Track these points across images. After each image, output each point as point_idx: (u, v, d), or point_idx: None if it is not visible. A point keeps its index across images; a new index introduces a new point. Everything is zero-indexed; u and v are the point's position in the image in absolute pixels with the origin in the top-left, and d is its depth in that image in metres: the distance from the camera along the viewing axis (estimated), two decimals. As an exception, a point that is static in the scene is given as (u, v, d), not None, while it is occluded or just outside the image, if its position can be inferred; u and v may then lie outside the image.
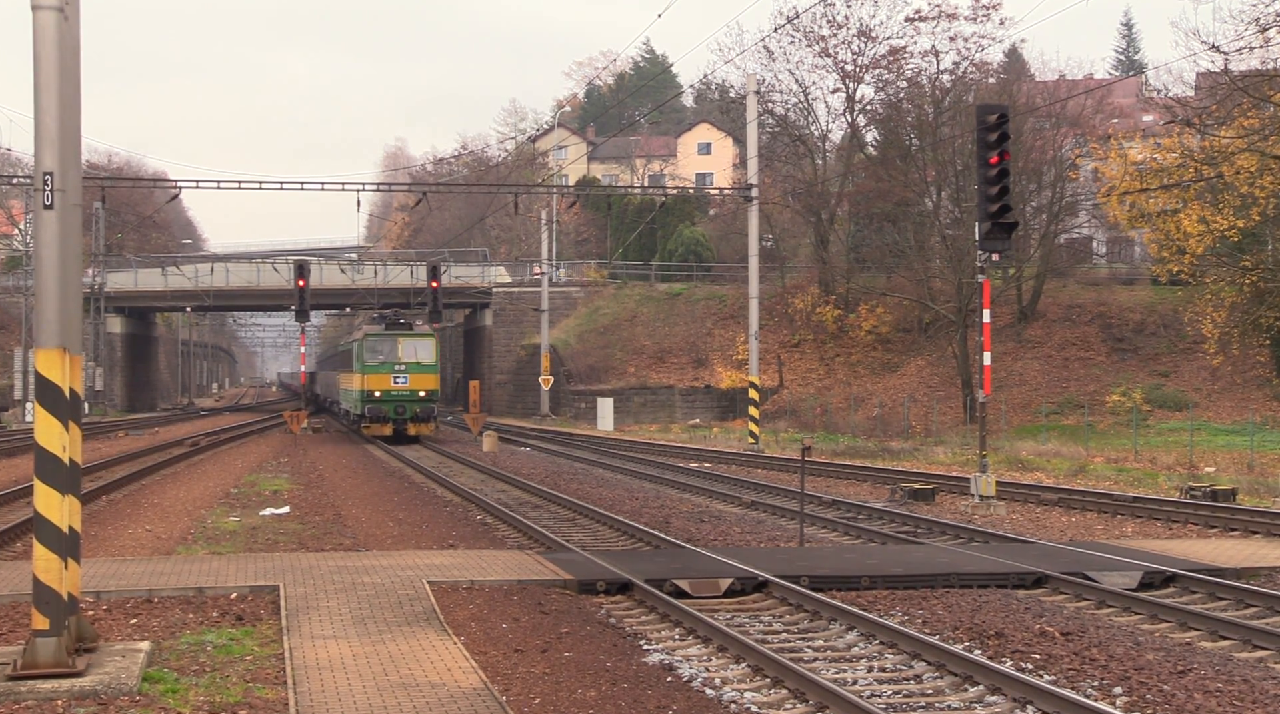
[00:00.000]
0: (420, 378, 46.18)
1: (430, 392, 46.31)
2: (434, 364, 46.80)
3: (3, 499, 24.86)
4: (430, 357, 46.53)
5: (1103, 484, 29.01)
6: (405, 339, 46.11)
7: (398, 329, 46.62)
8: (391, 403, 45.59)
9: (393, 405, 45.61)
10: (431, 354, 46.70)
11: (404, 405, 45.76)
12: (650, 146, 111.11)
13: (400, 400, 45.72)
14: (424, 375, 46.23)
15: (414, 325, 47.95)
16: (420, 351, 46.24)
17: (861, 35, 65.95)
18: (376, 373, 45.67)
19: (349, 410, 52.16)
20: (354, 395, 48.44)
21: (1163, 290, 57.81)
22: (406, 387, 45.74)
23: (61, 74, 10.53)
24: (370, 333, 46.73)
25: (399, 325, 46.96)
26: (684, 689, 10.71)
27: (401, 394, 45.64)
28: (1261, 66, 40.50)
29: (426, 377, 46.36)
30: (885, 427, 51.74)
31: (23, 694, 9.88)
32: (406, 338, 46.22)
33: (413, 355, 45.88)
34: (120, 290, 79.02)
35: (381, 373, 45.61)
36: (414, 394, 45.86)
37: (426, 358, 46.40)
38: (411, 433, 46.12)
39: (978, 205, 24.49)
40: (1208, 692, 10.46)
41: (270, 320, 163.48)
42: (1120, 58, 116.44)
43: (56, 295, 10.56)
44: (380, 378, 45.71)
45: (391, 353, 45.70)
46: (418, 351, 46.09)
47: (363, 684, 10.29)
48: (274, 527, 21.44)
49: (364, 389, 45.91)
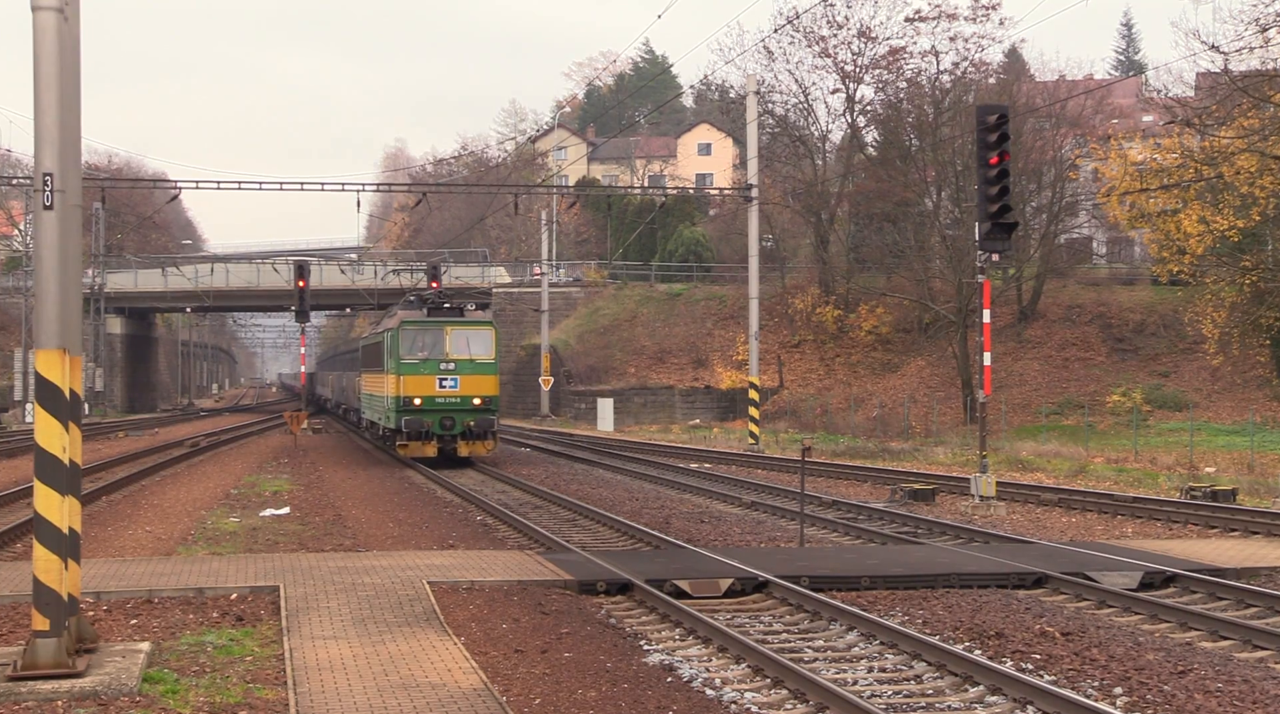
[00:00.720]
0: (475, 380, 34.77)
1: (488, 399, 34.81)
2: (493, 361, 35.15)
3: (3, 500, 24.86)
4: (488, 351, 35.06)
5: (1103, 484, 29.01)
6: (455, 328, 34.81)
7: (445, 315, 35.18)
8: (436, 414, 34.37)
9: (438, 417, 34.38)
10: (489, 348, 35.11)
11: (453, 417, 34.40)
12: (650, 147, 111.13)
13: (448, 410, 34.43)
14: (480, 377, 34.83)
15: (465, 309, 35.93)
16: (475, 345, 34.88)
17: (861, 35, 65.97)
18: (416, 374, 34.45)
19: (377, 422, 40.06)
20: (385, 403, 36.72)
21: (1163, 290, 57.82)
22: (456, 392, 34.49)
23: (61, 74, 10.53)
24: (408, 321, 34.92)
25: (446, 310, 35.52)
26: (684, 689, 10.71)
27: (450, 402, 34.41)
28: (1261, 66, 40.49)
29: (483, 379, 34.89)
30: (885, 427, 51.74)
31: (23, 695, 9.88)
32: (457, 327, 34.89)
33: (464, 350, 34.74)
34: (120, 291, 79.04)
35: (423, 374, 34.45)
36: (466, 402, 34.47)
37: (483, 353, 34.97)
38: (463, 454, 34.77)
39: (978, 205, 24.48)
40: (1208, 692, 10.46)
41: (270, 321, 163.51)
42: (1120, 58, 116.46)
43: (56, 296, 10.56)
44: (421, 381, 34.52)
45: (436, 347, 34.64)
46: (471, 345, 34.80)
47: (363, 685, 10.29)
48: (274, 527, 21.44)
49: (399, 395, 34.51)
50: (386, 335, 36.68)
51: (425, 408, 34.31)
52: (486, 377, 34.90)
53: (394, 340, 35.05)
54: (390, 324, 36.69)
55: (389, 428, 36.29)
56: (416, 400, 34.29)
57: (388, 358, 36.13)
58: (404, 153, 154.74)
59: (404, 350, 34.47)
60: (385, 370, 36.67)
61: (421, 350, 34.55)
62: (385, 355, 36.81)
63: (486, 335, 35.20)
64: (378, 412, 39.46)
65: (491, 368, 35.00)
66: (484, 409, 34.62)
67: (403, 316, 35.34)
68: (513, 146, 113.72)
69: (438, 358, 34.46)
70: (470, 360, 34.60)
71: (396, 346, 34.74)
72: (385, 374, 36.71)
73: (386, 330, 36.90)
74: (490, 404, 34.72)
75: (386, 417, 36.65)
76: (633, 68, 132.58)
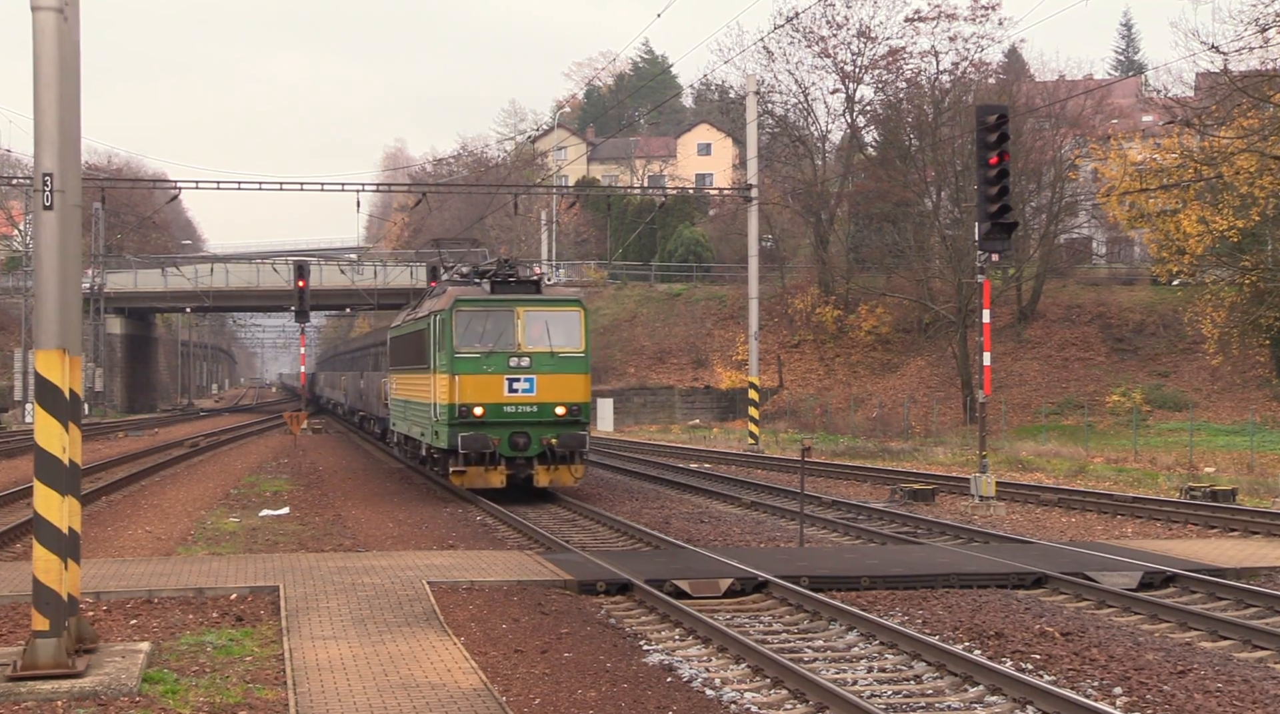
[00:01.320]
0: (558, 382, 25.35)
1: (575, 407, 25.30)
2: (582, 355, 25.53)
3: (3, 500, 24.86)
4: (575, 341, 25.52)
5: (1103, 484, 29.01)
6: (530, 310, 25.38)
7: (515, 291, 25.89)
8: (505, 428, 25.03)
9: (507, 433, 25.02)
10: (577, 336, 25.56)
11: (527, 432, 25.08)
12: (650, 147, 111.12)
13: (521, 423, 25.11)
14: (565, 377, 25.36)
15: (540, 283, 26.68)
16: (558, 332, 25.49)
17: (861, 36, 65.97)
18: (478, 373, 25.07)
19: (416, 438, 30.14)
20: (429, 413, 27.07)
21: (1163, 290, 57.84)
22: (532, 398, 25.16)
23: (61, 74, 10.53)
24: (464, 300, 25.53)
25: (516, 285, 26.23)
26: (684, 690, 10.71)
27: (524, 412, 25.11)
28: (1261, 67, 40.48)
29: (569, 380, 25.36)
30: (885, 427, 51.74)
31: (23, 695, 9.88)
32: (533, 307, 25.47)
33: (543, 339, 25.34)
34: (120, 291, 79.03)
35: (487, 373, 25.09)
36: (546, 411, 25.12)
37: (569, 343, 25.48)
38: (541, 483, 25.33)
39: (977, 205, 24.50)
40: (1208, 692, 10.46)
41: (270, 321, 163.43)
42: (1120, 58, 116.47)
43: (56, 296, 10.57)
44: (484, 382, 25.12)
45: (504, 336, 25.21)
46: (552, 332, 25.44)
47: (363, 685, 10.29)
48: (274, 527, 21.44)
49: (453, 402, 25.05)
50: (432, 321, 26.49)
51: (489, 420, 24.73)
52: (574, 377, 25.18)
53: (443, 327, 25.36)
54: (437, 306, 26.44)
55: (437, 448, 26.34)
56: (477, 410, 24.70)
57: (434, 351, 26.35)
58: (404, 153, 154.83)
59: (459, 340, 24.94)
60: (429, 368, 26.80)
61: (483, 340, 25.06)
62: (430, 348, 26.87)
63: (573, 319, 25.42)
64: (417, 424, 29.08)
65: (580, 364, 25.29)
66: (570, 421, 24.99)
67: (456, 294, 25.60)
68: (512, 146, 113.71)
69: (506, 350, 24.92)
70: (551, 354, 25.05)
71: (448, 336, 25.08)
72: (429, 373, 26.81)
73: (432, 314, 26.56)
74: (579, 414, 25.13)
75: (433, 431, 26.42)
76: (632, 68, 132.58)
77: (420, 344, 28.57)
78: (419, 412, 28.90)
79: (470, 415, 24.85)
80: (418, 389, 29.12)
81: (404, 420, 32.47)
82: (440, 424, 25.65)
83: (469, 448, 24.62)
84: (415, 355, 29.57)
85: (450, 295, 25.99)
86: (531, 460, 25.05)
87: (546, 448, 24.89)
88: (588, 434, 25.55)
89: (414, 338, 29.93)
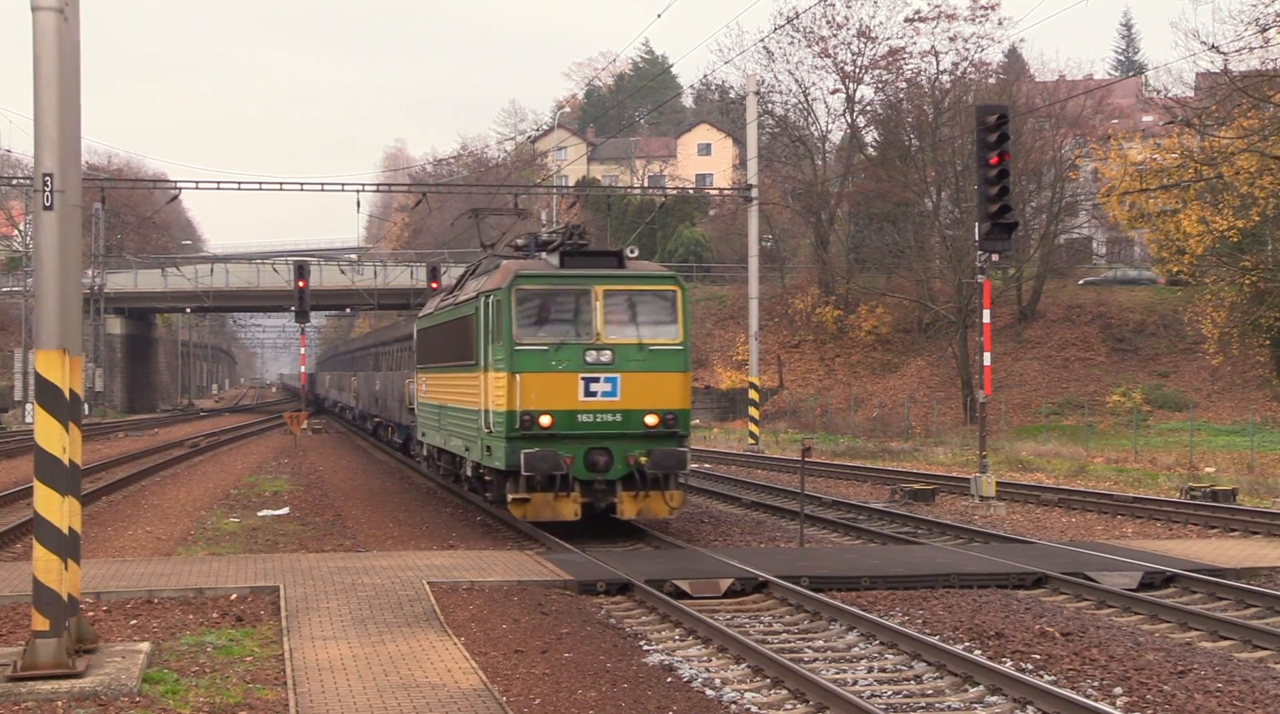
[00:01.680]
0: (649, 382, 19.65)
1: (672, 416, 19.54)
2: (680, 347, 19.78)
3: (3, 500, 24.87)
4: (672, 330, 19.84)
5: (1103, 484, 29.01)
6: (613, 290, 19.82)
7: (592, 265, 20.19)
8: (579, 442, 19.33)
9: (582, 448, 19.33)
10: (675, 324, 19.86)
11: (608, 448, 19.39)
12: (650, 147, 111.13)
13: (601, 435, 19.45)
14: (658, 377, 19.68)
15: (623, 256, 20.51)
16: (648, 318, 20.02)
17: (861, 36, 65.98)
18: (544, 371, 19.37)
19: (458, 454, 23.59)
20: (477, 422, 21.04)
21: (1163, 290, 57.85)
22: (615, 403, 19.57)
23: (61, 75, 10.53)
24: (526, 276, 19.82)
25: (592, 256, 20.70)
26: (684, 690, 10.71)
27: (605, 421, 19.48)
28: (1261, 67, 40.50)
29: (664, 380, 19.69)
30: (885, 427, 51.73)
31: (23, 695, 9.88)
32: (615, 285, 19.88)
33: (629, 327, 19.80)
34: (120, 291, 79.04)
35: (556, 371, 19.39)
36: (634, 420, 19.47)
37: (663, 332, 19.87)
38: (627, 515, 19.52)
39: (978, 206, 24.50)
40: (1208, 692, 10.46)
41: (270, 321, 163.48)
42: (1120, 58, 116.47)
43: (56, 296, 10.57)
44: (552, 383, 19.39)
45: (579, 322, 19.64)
46: (641, 318, 20.00)
47: (363, 685, 10.29)
48: (274, 527, 21.44)
49: (511, 409, 19.32)
50: (482, 305, 20.41)
51: (560, 432, 18.95)
52: (669, 376, 19.39)
53: (498, 312, 19.51)
54: (488, 285, 20.46)
55: (488, 467, 20.41)
56: (544, 419, 18.95)
57: (484, 344, 20.32)
58: (404, 153, 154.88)
59: (520, 329, 19.14)
60: (476, 365, 20.83)
61: (552, 329, 19.31)
62: (478, 340, 20.76)
63: (668, 301, 19.69)
64: (457, 435, 23.01)
65: (678, 359, 19.43)
66: (664, 433, 19.22)
67: (515, 269, 19.73)
68: (512, 147, 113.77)
69: (582, 342, 19.18)
70: (639, 346, 19.29)
71: (505, 323, 19.23)
72: (476, 372, 20.88)
73: (482, 296, 20.48)
74: (676, 424, 19.26)
75: (481, 446, 20.62)
76: (632, 68, 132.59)
77: (463, 335, 22.30)
78: (460, 420, 22.58)
79: (535, 426, 18.90)
80: (458, 391, 22.81)
81: (436, 430, 25.87)
82: (493, 437, 19.58)
83: (534, 468, 18.59)
84: (455, 349, 23.22)
85: (507, 271, 19.76)
86: (614, 485, 19.07)
87: (634, 468, 18.95)
88: (688, 451, 19.45)
89: (453, 328, 23.54)
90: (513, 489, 19.18)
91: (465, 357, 22.02)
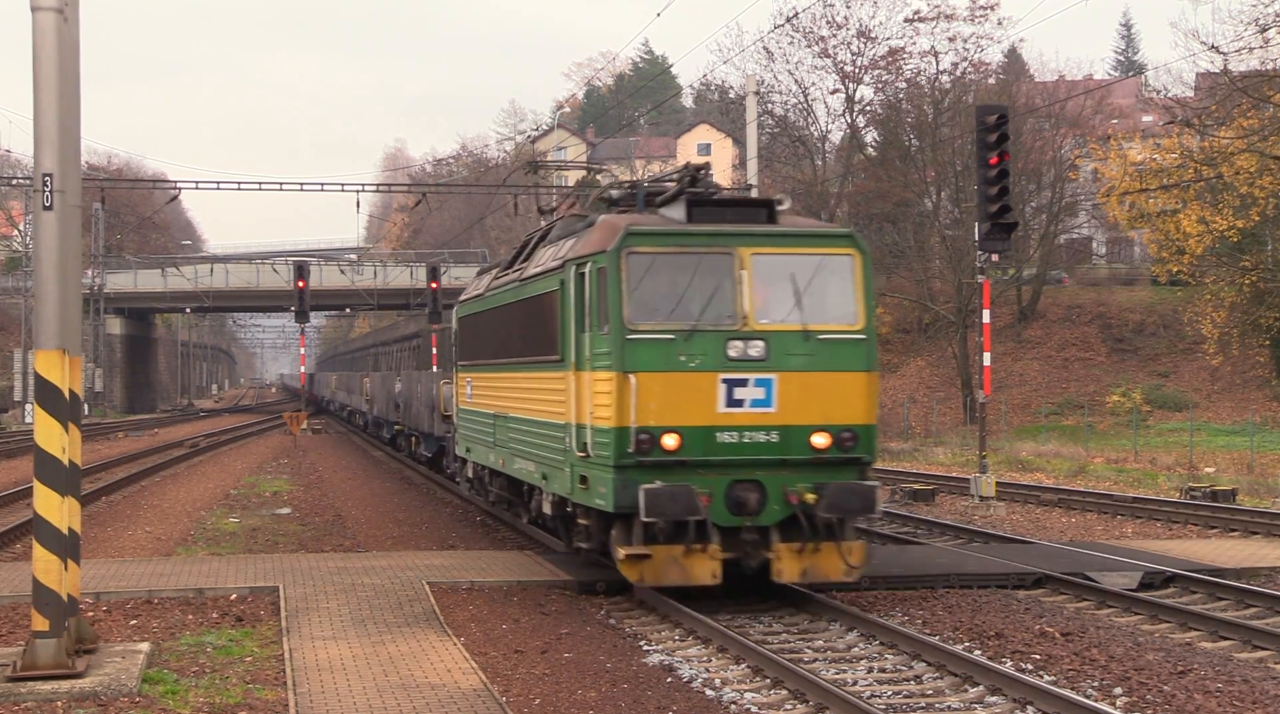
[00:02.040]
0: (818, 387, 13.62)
1: (849, 435, 13.65)
2: (863, 336, 13.85)
3: (3, 500, 24.87)
4: (850, 311, 13.87)
5: (1103, 485, 29.01)
6: (765, 254, 13.80)
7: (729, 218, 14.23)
8: (718, 473, 13.37)
9: (723, 482, 13.37)
10: (853, 303, 13.88)
11: (760, 480, 13.44)
12: (650, 147, 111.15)
13: (750, 462, 13.45)
14: (830, 379, 13.68)
15: (774, 206, 14.45)
16: (816, 295, 13.85)
17: (861, 36, 65.90)
18: (667, 369, 13.34)
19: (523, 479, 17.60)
20: (559, 440, 15.15)
21: (1163, 290, 57.84)
22: (771, 416, 13.49)
23: (61, 75, 10.54)
24: (642, 232, 13.74)
25: (731, 205, 14.95)
26: (684, 690, 10.71)
27: (755, 442, 13.47)
28: (1261, 67, 40.49)
29: (840, 383, 13.70)
30: (885, 427, 51.68)
31: (22, 695, 9.88)
32: (769, 249, 13.88)
33: (788, 307, 13.74)
34: (120, 291, 79.08)
35: (686, 370, 13.37)
36: (797, 442, 13.53)
37: (838, 315, 13.86)
38: (789, 576, 13.46)
39: (977, 206, 24.50)
40: (1208, 692, 10.46)
41: (270, 321, 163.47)
42: (1120, 58, 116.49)
43: (56, 297, 10.57)
44: (679, 387, 13.36)
45: (717, 300, 13.54)
46: (806, 295, 13.79)
47: (362, 685, 10.29)
48: (274, 528, 21.44)
49: (622, 425, 13.23)
50: (570, 275, 14.75)
51: (691, 457, 13.48)
52: (848, 377, 13.90)
53: (597, 286, 13.98)
54: (579, 249, 14.72)
55: (581, 505, 14.74)
56: (669, 438, 13.41)
57: (572, 331, 14.70)
58: (403, 153, 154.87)
59: (633, 309, 13.54)
60: (561, 362, 15.12)
61: (679, 310, 13.66)
62: (563, 326, 15.03)
63: (844, 271, 14.13)
64: (532, 456, 16.84)
65: (859, 353, 13.95)
66: (840, 459, 13.82)
67: (626, 226, 13.94)
68: (512, 147, 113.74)
69: (723, 328, 13.62)
70: (804, 335, 13.74)
71: (611, 300, 13.62)
72: (560, 371, 15.14)
73: (570, 264, 14.78)
74: (857, 445, 13.86)
75: (570, 474, 14.81)
76: (632, 68, 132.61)
77: (536, 321, 16.22)
78: (531, 435, 16.57)
79: (656, 449, 13.23)
80: (528, 397, 16.71)
81: (489, 446, 19.52)
82: (592, 464, 13.86)
83: (659, 511, 12.95)
84: (523, 340, 17.07)
85: (611, 227, 13.94)
86: (767, 532, 13.43)
87: (797, 509, 13.34)
88: (877, 486, 13.79)
89: (519, 312, 17.27)
90: (624, 540, 13.27)
91: (540, 350, 15.92)
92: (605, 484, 13.42)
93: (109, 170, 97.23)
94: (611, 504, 13.26)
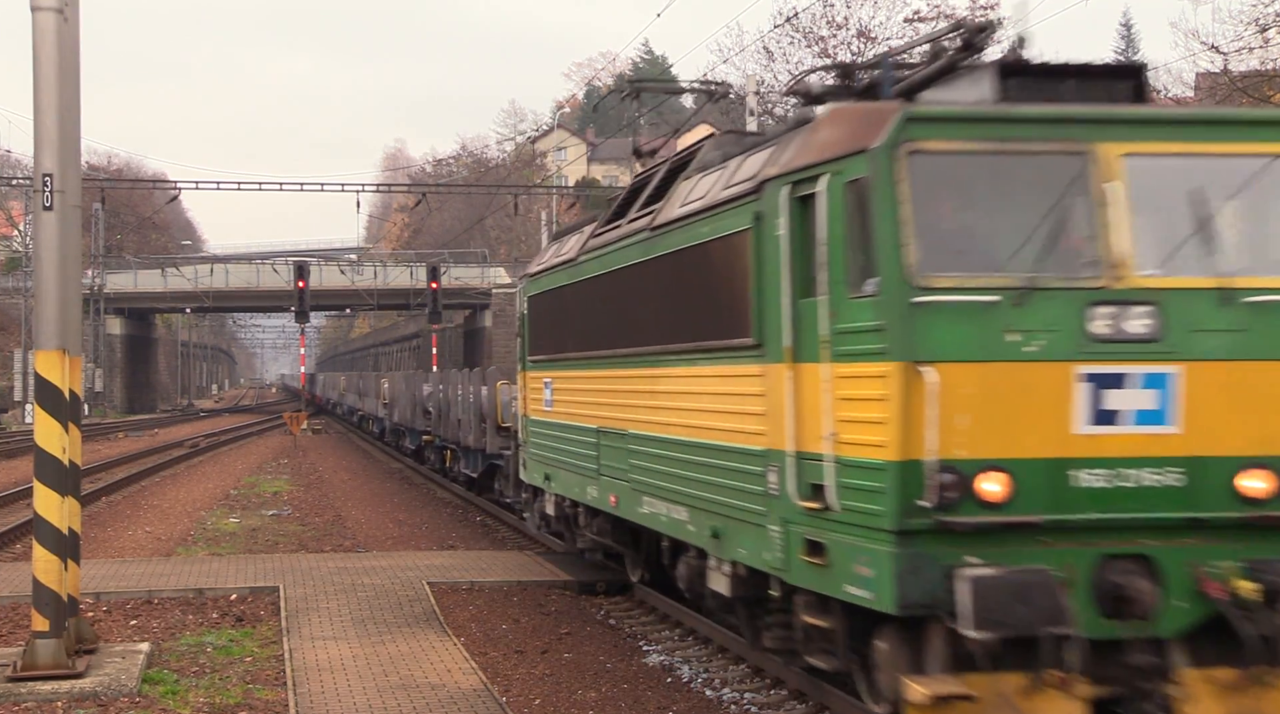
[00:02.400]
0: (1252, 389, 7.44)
1: None
2: None
3: (3, 500, 24.87)
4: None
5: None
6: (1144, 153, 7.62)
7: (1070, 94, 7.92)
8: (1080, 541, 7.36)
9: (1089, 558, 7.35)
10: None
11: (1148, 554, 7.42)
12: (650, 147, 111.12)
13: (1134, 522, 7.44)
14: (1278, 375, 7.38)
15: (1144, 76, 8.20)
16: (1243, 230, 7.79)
17: (861, 36, 65.97)
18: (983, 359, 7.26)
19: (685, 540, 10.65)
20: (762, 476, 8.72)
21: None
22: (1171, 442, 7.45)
23: (61, 75, 10.54)
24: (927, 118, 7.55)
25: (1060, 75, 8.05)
26: (684, 690, 10.71)
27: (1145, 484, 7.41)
28: (1261, 67, 40.51)
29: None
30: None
31: (22, 695, 9.88)
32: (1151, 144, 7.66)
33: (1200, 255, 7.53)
34: (120, 292, 79.06)
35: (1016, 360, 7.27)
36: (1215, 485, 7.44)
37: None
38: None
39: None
40: (1208, 692, 10.43)
41: (270, 321, 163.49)
42: (1120, 58, 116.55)
43: (56, 297, 10.57)
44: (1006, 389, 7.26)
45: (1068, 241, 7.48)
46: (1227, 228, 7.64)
47: (362, 685, 10.29)
48: (274, 528, 21.44)
49: (903, 458, 7.20)
50: (777, 200, 8.45)
51: (1023, 514, 7.35)
52: None
53: (834, 213, 7.80)
54: (806, 155, 8.25)
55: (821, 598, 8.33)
56: (988, 481, 7.28)
57: (781, 294, 8.42)
58: (403, 153, 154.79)
59: (921, 247, 7.32)
60: (753, 348, 8.90)
61: (994, 248, 7.60)
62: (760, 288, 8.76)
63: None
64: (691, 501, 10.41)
65: None
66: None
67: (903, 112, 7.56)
68: (512, 147, 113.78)
69: (1076, 282, 7.45)
70: (1223, 293, 7.54)
71: (881, 230, 7.37)
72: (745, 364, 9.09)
73: (773, 182, 8.52)
74: None
75: (783, 537, 8.54)
76: (632, 68, 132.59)
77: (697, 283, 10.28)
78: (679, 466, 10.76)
79: (971, 499, 7.37)
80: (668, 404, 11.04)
81: (587, 475, 13.63)
82: (836, 523, 7.96)
83: (999, 617, 7.04)
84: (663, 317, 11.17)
85: (868, 114, 7.98)
86: (1164, 649, 7.58)
87: (1222, 608, 7.45)
88: None
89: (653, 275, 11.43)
90: (911, 663, 7.59)
91: (704, 331, 10.08)
92: (873, 561, 7.53)
93: (109, 170, 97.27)
94: (892, 599, 7.35)
